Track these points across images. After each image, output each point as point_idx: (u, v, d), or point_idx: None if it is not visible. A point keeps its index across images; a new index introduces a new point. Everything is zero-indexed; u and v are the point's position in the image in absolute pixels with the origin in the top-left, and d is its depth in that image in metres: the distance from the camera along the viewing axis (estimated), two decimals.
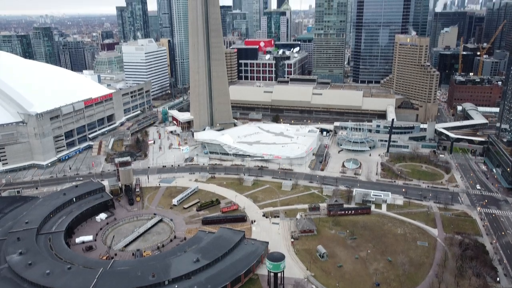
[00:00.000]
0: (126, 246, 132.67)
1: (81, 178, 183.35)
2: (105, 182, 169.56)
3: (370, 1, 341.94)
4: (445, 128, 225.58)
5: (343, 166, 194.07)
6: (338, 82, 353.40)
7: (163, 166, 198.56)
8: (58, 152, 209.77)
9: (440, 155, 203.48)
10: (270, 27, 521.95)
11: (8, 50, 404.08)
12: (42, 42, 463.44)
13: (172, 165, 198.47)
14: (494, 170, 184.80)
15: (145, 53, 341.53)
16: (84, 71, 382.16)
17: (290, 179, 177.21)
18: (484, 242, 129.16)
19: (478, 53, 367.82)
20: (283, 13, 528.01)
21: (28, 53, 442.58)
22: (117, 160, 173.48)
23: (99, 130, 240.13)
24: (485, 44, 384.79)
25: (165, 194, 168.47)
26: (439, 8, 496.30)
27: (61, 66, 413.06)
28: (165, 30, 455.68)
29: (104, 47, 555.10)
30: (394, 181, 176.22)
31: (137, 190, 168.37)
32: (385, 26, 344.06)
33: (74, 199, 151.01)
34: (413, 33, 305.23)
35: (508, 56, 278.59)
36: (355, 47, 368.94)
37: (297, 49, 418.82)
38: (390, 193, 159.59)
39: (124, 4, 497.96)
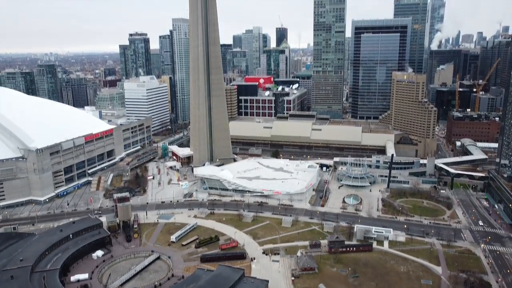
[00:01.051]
0: (122, 284, 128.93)
1: (79, 215, 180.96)
2: (103, 218, 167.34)
3: (367, 39, 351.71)
4: (445, 164, 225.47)
5: (344, 202, 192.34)
6: (337, 118, 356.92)
7: (162, 202, 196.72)
8: (57, 187, 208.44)
9: (441, 191, 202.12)
10: (270, 64, 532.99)
11: (12, 86, 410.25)
12: (46, 79, 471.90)
13: (171, 201, 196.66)
14: (496, 206, 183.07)
15: (147, 90, 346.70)
16: (85, 107, 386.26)
17: (290, 215, 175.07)
18: (490, 281, 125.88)
19: (474, 89, 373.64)
20: (282, 51, 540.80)
21: (31, 89, 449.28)
22: (115, 195, 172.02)
23: (98, 165, 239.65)
24: (480, 81, 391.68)
25: (164, 230, 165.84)
26: (434, 47, 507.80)
27: (63, 102, 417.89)
28: (166, 67, 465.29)
29: (106, 83, 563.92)
30: (396, 217, 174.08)
31: (135, 226, 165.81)
32: (382, 64, 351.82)
33: (70, 235, 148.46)
34: (410, 70, 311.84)
35: (503, 93, 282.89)
36: (353, 83, 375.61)
37: (296, 85, 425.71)
38: (391, 229, 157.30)
39: (127, 43, 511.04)
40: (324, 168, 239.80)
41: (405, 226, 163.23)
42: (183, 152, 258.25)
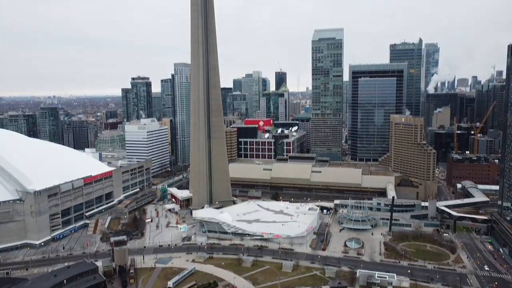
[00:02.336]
0: None
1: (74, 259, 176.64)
2: (99, 263, 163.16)
3: (364, 83, 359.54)
4: (446, 206, 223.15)
5: (345, 245, 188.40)
6: (336, 160, 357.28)
7: (159, 246, 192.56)
8: (53, 230, 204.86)
9: (444, 234, 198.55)
10: (269, 107, 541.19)
11: (14, 129, 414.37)
12: (48, 122, 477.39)
13: (169, 245, 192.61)
14: (500, 250, 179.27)
15: (147, 132, 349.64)
16: (86, 149, 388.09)
17: (291, 260, 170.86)
18: None
19: (472, 132, 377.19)
20: (282, 95, 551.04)
21: (32, 131, 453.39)
22: (112, 239, 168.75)
23: (96, 208, 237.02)
24: (478, 124, 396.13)
25: (161, 275, 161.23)
26: (431, 90, 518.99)
27: (64, 144, 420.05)
28: (167, 110, 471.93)
29: (107, 126, 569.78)
30: (399, 262, 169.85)
31: (131, 271, 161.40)
32: (380, 107, 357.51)
33: (65, 281, 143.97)
34: (407, 113, 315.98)
35: (501, 135, 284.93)
36: (352, 126, 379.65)
37: (295, 128, 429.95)
38: (395, 274, 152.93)
39: (129, 86, 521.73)
40: (325, 211, 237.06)
41: (409, 271, 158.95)
42: (182, 194, 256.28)
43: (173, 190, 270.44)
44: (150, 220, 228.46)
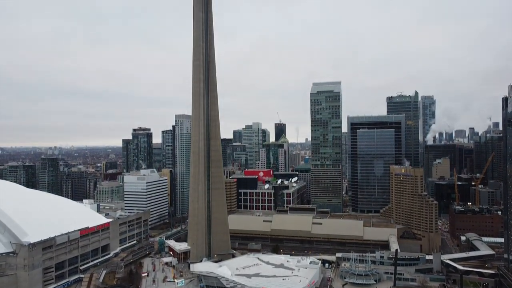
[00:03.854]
0: None
1: None
2: None
3: (363, 134, 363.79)
4: (452, 260, 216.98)
5: None
6: (337, 211, 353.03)
7: None
8: (46, 285, 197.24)
9: None
10: (269, 158, 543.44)
11: (13, 179, 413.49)
12: (47, 172, 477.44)
13: None
14: None
15: (146, 183, 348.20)
16: (84, 200, 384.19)
17: None
18: None
19: (473, 183, 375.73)
20: (281, 146, 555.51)
21: (31, 182, 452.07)
22: None
23: (91, 261, 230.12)
24: (478, 175, 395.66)
25: None
26: (430, 140, 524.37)
27: (62, 195, 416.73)
28: (167, 161, 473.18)
29: (106, 177, 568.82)
30: None
31: None
32: (379, 158, 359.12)
33: None
34: (407, 163, 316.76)
35: (502, 186, 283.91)
36: (352, 177, 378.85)
37: (295, 179, 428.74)
38: None
39: (130, 137, 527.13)
40: (327, 265, 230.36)
41: None
42: (180, 247, 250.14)
43: (171, 243, 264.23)
44: (146, 274, 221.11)
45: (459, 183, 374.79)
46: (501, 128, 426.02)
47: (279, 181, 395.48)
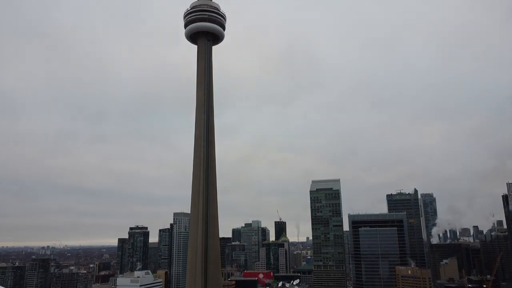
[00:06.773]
0: None
1: None
2: None
3: (365, 233, 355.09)
4: None
5: None
6: None
7: None
8: None
9: None
10: (269, 258, 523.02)
11: (0, 281, 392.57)
12: (36, 274, 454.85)
13: None
14: None
15: (140, 286, 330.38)
16: None
17: None
18: None
19: (484, 286, 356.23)
20: (282, 245, 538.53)
21: (19, 285, 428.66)
22: None
23: None
24: (488, 276, 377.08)
25: None
26: (435, 239, 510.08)
27: None
28: (163, 261, 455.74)
29: (98, 279, 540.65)
30: None
31: None
32: (383, 258, 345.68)
33: None
34: (413, 264, 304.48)
35: None
36: (357, 278, 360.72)
37: (297, 281, 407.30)
38: None
39: (126, 236, 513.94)
40: None
41: None
42: None
43: None
44: None
45: (470, 286, 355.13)
46: (505, 226, 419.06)
47: (280, 284, 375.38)
